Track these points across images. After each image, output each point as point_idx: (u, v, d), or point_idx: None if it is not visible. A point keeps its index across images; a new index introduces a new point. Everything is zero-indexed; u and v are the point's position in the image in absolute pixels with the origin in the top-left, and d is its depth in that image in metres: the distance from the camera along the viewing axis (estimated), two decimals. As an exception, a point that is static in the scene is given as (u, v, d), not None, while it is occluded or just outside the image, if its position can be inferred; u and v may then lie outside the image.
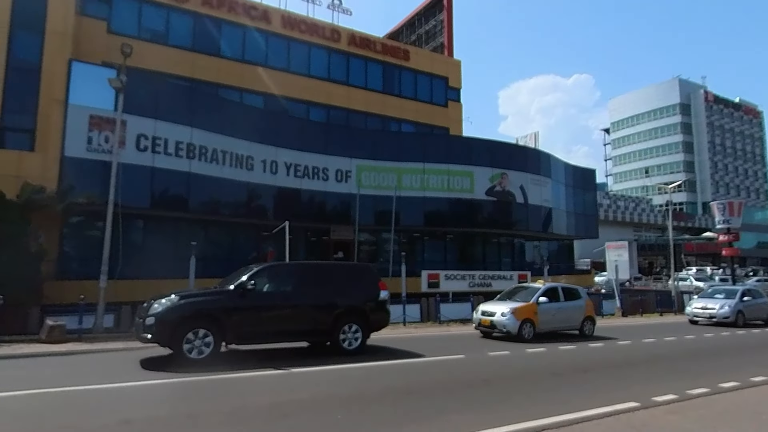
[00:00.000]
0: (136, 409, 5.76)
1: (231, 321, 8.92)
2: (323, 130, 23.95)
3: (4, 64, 17.23)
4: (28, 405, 5.97)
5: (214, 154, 19.31)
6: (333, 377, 8.00)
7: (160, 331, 8.42)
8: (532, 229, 28.06)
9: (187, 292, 9.32)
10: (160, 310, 8.51)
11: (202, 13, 23.23)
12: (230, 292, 9.16)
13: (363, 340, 10.32)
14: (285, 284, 9.92)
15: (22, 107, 17.36)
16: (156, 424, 5.25)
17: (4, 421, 5.28)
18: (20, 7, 17.59)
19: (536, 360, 10.19)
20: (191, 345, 8.50)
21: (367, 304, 10.54)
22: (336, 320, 10.00)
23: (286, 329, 9.67)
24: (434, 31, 34.70)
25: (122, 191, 16.53)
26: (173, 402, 6.22)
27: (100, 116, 16.53)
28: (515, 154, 27.98)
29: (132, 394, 6.64)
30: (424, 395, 6.72)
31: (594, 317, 14.99)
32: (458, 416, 5.55)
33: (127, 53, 12.89)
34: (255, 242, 22.85)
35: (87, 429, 5.03)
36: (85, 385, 6.91)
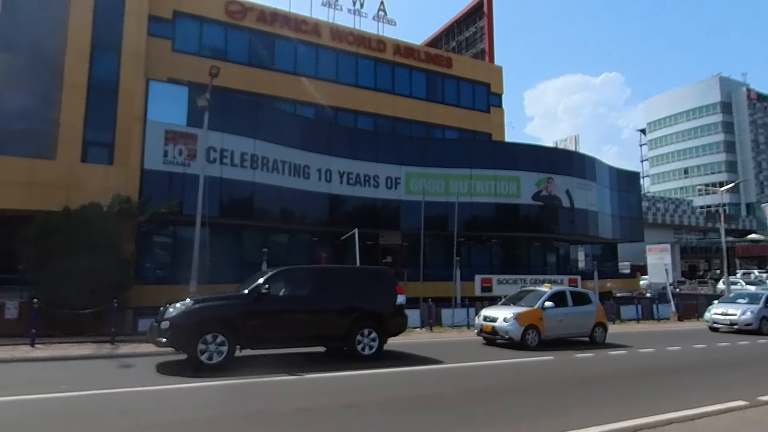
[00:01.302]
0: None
1: (246, 325, 8.80)
2: (373, 138, 24.71)
3: (86, 83, 18.59)
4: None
5: (275, 164, 20.25)
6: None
7: (174, 335, 8.33)
8: (578, 233, 28.09)
9: (202, 296, 9.32)
10: (175, 314, 8.46)
11: (257, 29, 24.32)
12: (245, 296, 9.08)
13: (380, 345, 10.08)
14: (301, 288, 9.82)
15: (101, 123, 18.68)
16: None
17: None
18: (99, 30, 18.96)
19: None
20: (206, 349, 8.40)
21: (384, 308, 10.34)
22: (352, 325, 9.81)
23: (302, 334, 9.55)
24: (474, 38, 35.10)
25: (193, 201, 17.65)
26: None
27: (174, 131, 17.65)
28: (560, 159, 28.11)
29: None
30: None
31: (606, 323, 14.24)
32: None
33: (215, 74, 13.83)
34: (310, 247, 23.72)
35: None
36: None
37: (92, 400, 6.51)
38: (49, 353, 9.81)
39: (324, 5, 26.56)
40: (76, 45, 18.53)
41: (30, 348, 10.17)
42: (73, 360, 9.29)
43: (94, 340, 10.85)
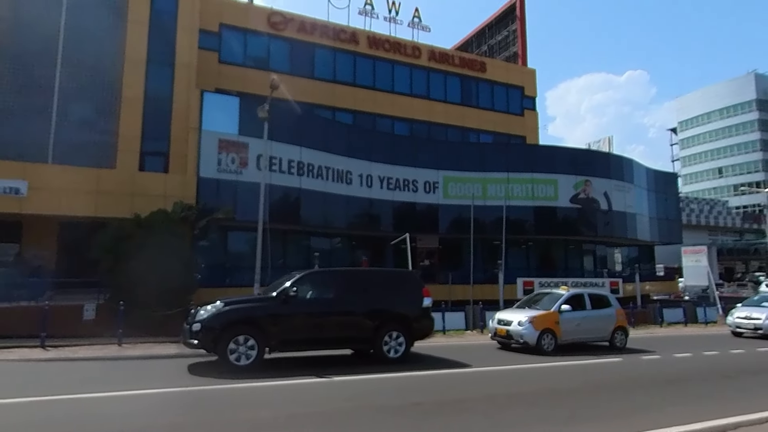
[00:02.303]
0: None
1: (274, 328, 8.90)
2: (412, 143, 25.13)
3: (142, 96, 19.53)
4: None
5: (320, 171, 20.87)
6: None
7: (205, 337, 8.46)
8: (616, 236, 27.93)
9: (232, 299, 9.43)
10: (206, 316, 8.60)
11: (297, 39, 25.04)
12: (273, 298, 9.18)
13: (406, 348, 10.06)
14: (327, 291, 9.87)
15: (157, 133, 19.56)
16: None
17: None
18: (154, 44, 19.86)
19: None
20: (236, 351, 8.55)
21: (410, 311, 10.33)
22: (378, 328, 9.82)
23: (329, 336, 9.58)
24: (506, 42, 35.21)
25: (246, 207, 18.42)
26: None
27: (226, 140, 18.41)
28: (598, 161, 28.04)
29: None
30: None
31: (627, 327, 13.74)
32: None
33: (275, 86, 14.46)
34: (350, 251, 24.27)
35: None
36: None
37: (213, 394, 7.05)
38: (139, 353, 10.50)
39: (361, 14, 27.16)
40: (132, 59, 19.47)
41: (118, 347, 10.89)
42: (161, 359, 9.89)
43: (173, 341, 11.49)
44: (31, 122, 18.47)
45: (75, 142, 18.62)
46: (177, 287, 13.64)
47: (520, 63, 33.08)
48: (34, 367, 9.28)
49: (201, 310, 8.79)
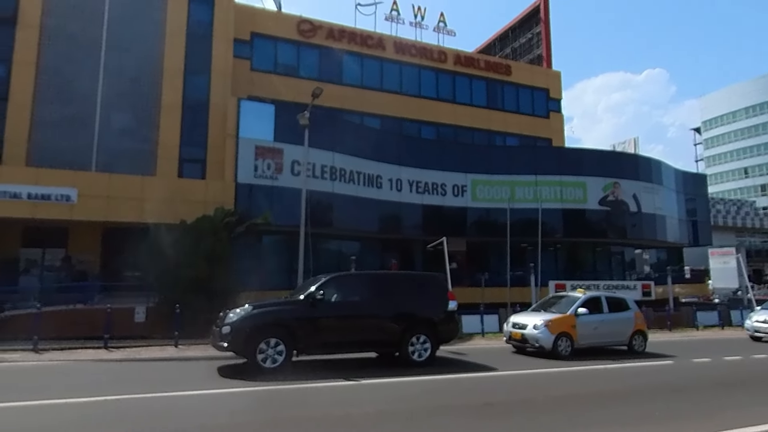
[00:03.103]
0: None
1: (302, 331, 8.97)
2: (440, 147, 25.33)
3: (180, 104, 20.13)
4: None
5: (351, 175, 21.19)
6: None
7: (234, 340, 8.54)
8: (645, 238, 27.72)
9: (260, 302, 9.53)
10: (235, 319, 8.67)
11: (326, 45, 25.47)
12: (301, 302, 9.24)
13: (432, 351, 10.03)
14: (353, 294, 9.89)
15: (194, 141, 20.15)
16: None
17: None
18: (191, 54, 20.47)
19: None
20: (264, 354, 8.61)
21: (436, 314, 10.28)
22: (404, 331, 9.82)
23: (355, 339, 9.63)
24: (530, 44, 35.22)
25: (281, 212, 18.82)
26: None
27: (263, 146, 18.86)
28: (627, 163, 27.89)
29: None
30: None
31: (646, 331, 13.44)
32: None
33: (317, 95, 14.80)
34: (380, 254, 24.51)
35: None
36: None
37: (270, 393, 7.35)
38: (196, 354, 10.90)
39: (387, 20, 27.52)
40: (171, 69, 20.10)
41: (175, 349, 11.30)
42: (217, 360, 10.24)
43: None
44: (76, 132, 19.19)
45: (117, 150, 19.29)
46: (221, 291, 14.03)
47: (544, 65, 33.07)
48: (111, 366, 9.73)
49: (230, 314, 8.91)
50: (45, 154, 18.59)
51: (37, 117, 19.03)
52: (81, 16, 19.66)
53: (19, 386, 7.78)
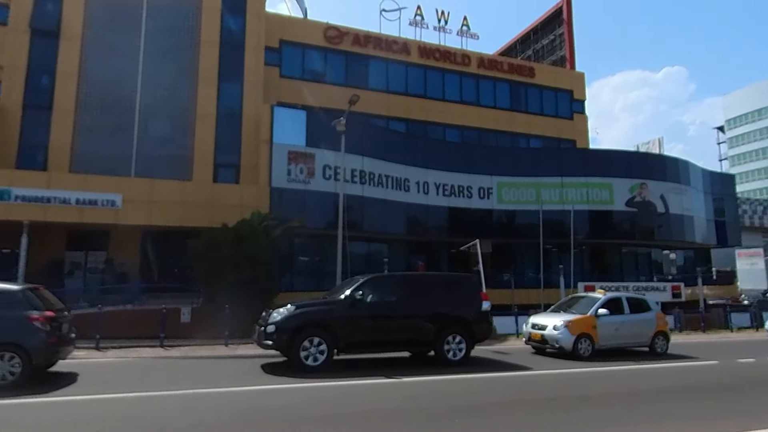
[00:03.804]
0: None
1: (342, 330, 9.23)
2: (466, 150, 25.57)
3: (215, 111, 20.75)
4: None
5: (380, 179, 21.56)
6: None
7: (279, 339, 8.85)
8: (673, 239, 27.53)
9: (302, 302, 9.80)
10: (279, 318, 8.97)
11: (352, 51, 25.90)
12: (340, 302, 9.52)
13: (467, 351, 10.22)
14: (390, 295, 10.13)
15: (228, 146, 20.74)
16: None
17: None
18: (224, 62, 21.10)
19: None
20: (307, 352, 8.92)
21: (470, 314, 10.46)
22: (440, 330, 10.02)
23: (393, 338, 9.90)
24: (552, 46, 35.22)
25: (313, 215, 19.27)
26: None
27: (295, 151, 19.34)
28: (654, 164, 27.76)
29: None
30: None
31: (668, 332, 13.33)
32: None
33: (354, 101, 15.19)
34: (407, 256, 24.82)
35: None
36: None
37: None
38: (246, 352, 11.36)
39: (411, 24, 27.84)
40: (205, 78, 20.75)
41: (225, 348, 11.78)
42: (263, 358, 10.65)
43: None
44: (116, 139, 19.94)
45: (155, 156, 19.99)
46: (261, 292, 14.49)
47: (568, 66, 33.04)
48: (173, 363, 10.29)
49: (274, 313, 9.21)
50: (87, 160, 19.36)
51: (79, 125, 19.83)
52: (120, 28, 20.43)
53: (110, 380, 8.36)
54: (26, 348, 6.93)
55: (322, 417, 6.15)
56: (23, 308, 7.12)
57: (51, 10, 19.98)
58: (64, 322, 7.79)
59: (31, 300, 7.31)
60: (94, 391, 7.17)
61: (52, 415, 6.04)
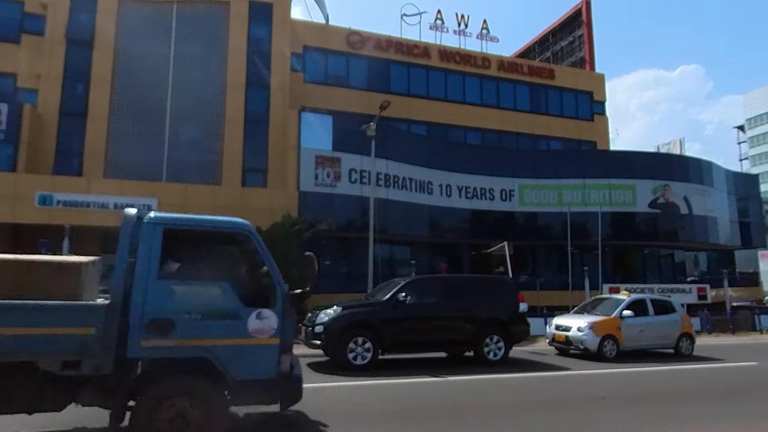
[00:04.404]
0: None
1: (386, 330, 9.57)
2: (488, 153, 25.74)
3: (243, 116, 21.21)
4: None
5: (404, 182, 21.84)
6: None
7: (328, 339, 9.20)
8: (697, 241, 27.33)
9: (347, 304, 10.07)
10: (327, 319, 9.33)
11: (374, 56, 26.21)
12: (384, 303, 9.86)
13: (506, 351, 10.51)
14: (430, 297, 10.48)
15: (256, 151, 21.17)
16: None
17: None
18: (251, 69, 21.55)
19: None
20: (354, 352, 9.26)
21: (508, 316, 10.74)
22: (479, 331, 10.31)
23: (434, 339, 10.24)
24: (571, 47, 35.20)
25: (340, 218, 19.60)
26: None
27: (322, 156, 19.71)
28: (677, 165, 27.61)
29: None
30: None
31: (693, 334, 13.42)
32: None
33: (385, 107, 15.51)
34: (429, 257, 25.04)
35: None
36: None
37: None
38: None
39: (432, 29, 28.11)
40: (233, 84, 21.22)
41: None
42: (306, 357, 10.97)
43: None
44: (147, 144, 20.49)
45: (185, 161, 20.50)
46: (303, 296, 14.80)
47: (587, 68, 33.02)
48: None
49: (321, 314, 9.53)
50: (120, 165, 19.93)
51: (113, 131, 20.41)
52: (150, 37, 20.97)
53: None
54: None
55: (386, 412, 6.46)
56: None
57: (85, 21, 20.62)
58: None
59: None
60: None
61: None
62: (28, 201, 15.61)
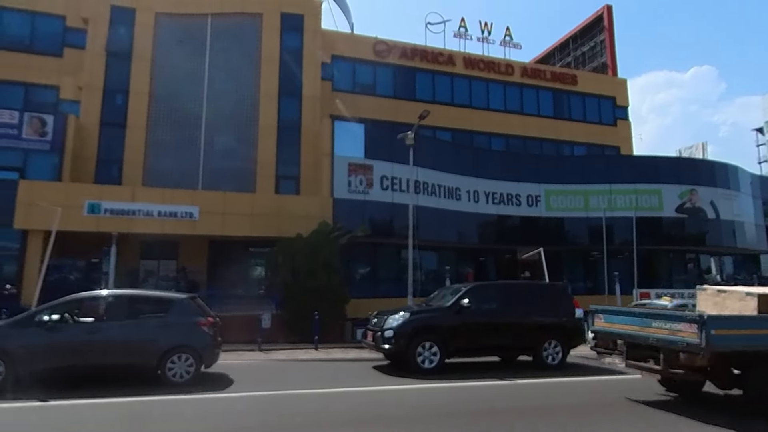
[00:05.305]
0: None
1: (451, 335, 10.00)
2: (515, 159, 25.95)
3: (276, 125, 21.72)
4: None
5: (433, 188, 22.15)
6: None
7: (398, 342, 9.62)
8: (724, 245, 27.25)
9: (413, 309, 10.50)
10: (396, 324, 9.76)
11: (400, 64, 26.64)
12: (448, 308, 10.26)
13: (564, 355, 10.87)
14: (491, 302, 10.79)
15: (289, 159, 21.66)
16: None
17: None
18: (284, 79, 22.10)
19: None
20: (423, 356, 9.71)
21: (565, 321, 11.10)
22: (538, 336, 10.69)
23: (496, 344, 10.66)
24: (593, 53, 35.33)
25: (372, 224, 19.94)
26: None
27: (355, 163, 20.09)
28: (703, 169, 27.56)
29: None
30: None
31: None
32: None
33: (424, 116, 15.83)
34: (455, 263, 25.28)
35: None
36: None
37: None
38: (341, 356, 12.08)
39: (456, 36, 28.44)
40: (266, 93, 21.77)
41: (317, 351, 12.50)
42: (360, 361, 11.36)
43: (341, 346, 13.00)
44: (184, 153, 21.07)
45: (220, 169, 21.04)
46: (336, 298, 15.21)
47: (609, 73, 33.12)
48: (295, 365, 11.05)
49: (389, 319, 9.91)
50: (157, 174, 20.53)
51: (150, 141, 21.04)
52: (186, 49, 21.63)
53: (259, 379, 9.05)
54: (198, 350, 7.73)
55: (468, 413, 6.82)
56: (192, 315, 7.94)
57: (124, 34, 21.31)
58: (217, 326, 8.56)
59: (197, 307, 8.17)
60: (257, 388, 7.85)
61: (251, 407, 6.77)
62: (77, 209, 16.14)
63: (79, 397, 6.76)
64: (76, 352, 7.22)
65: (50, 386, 7.18)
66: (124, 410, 6.44)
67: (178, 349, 7.67)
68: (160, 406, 6.50)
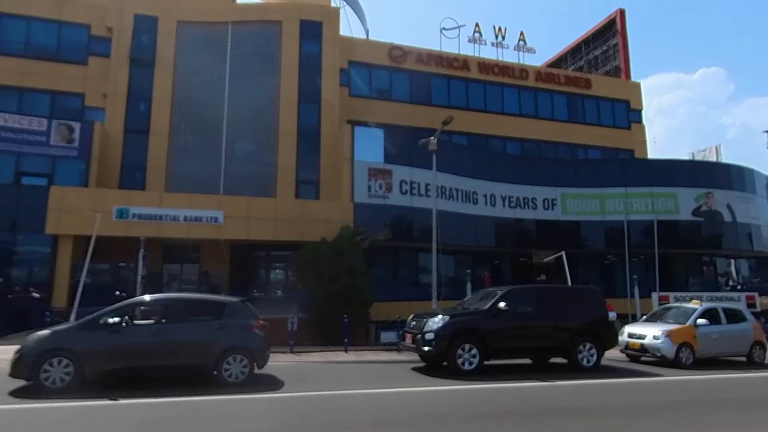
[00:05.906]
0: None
1: (489, 337, 10.13)
2: (531, 163, 26.13)
3: (296, 130, 22.03)
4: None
5: (451, 192, 22.34)
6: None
7: (438, 345, 9.74)
8: (741, 248, 27.22)
9: (452, 312, 10.62)
10: (437, 327, 9.88)
11: (415, 69, 26.91)
12: (485, 312, 10.38)
13: (598, 358, 11.01)
14: (525, 306, 10.86)
15: (308, 164, 21.95)
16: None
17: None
18: (303, 85, 22.41)
19: None
20: (463, 358, 9.85)
21: (599, 324, 11.24)
22: (573, 339, 10.83)
23: (532, 346, 10.84)
24: (605, 56, 35.43)
25: (391, 228, 20.14)
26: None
27: (375, 168, 20.35)
28: (719, 173, 27.59)
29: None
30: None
31: (765, 342, 13.59)
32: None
33: (448, 122, 16.04)
34: (472, 266, 25.41)
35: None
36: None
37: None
38: (372, 358, 12.27)
39: (470, 41, 28.68)
40: (286, 99, 22.10)
41: (346, 353, 12.71)
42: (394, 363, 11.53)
43: (370, 348, 13.22)
44: (205, 158, 21.42)
45: (240, 174, 21.38)
46: (360, 301, 15.42)
47: (623, 76, 33.21)
48: (333, 367, 11.14)
49: (429, 322, 10.08)
50: (180, 179, 20.89)
51: (173, 147, 21.42)
52: (207, 56, 22.03)
53: (307, 380, 9.22)
54: (252, 351, 7.98)
55: (519, 413, 7.02)
56: (245, 317, 8.20)
57: (146, 42, 21.75)
58: (266, 329, 8.80)
59: (248, 310, 8.43)
60: (308, 389, 8.02)
61: (311, 406, 7.01)
62: (106, 214, 16.46)
63: (143, 396, 7.00)
64: (139, 353, 7.47)
65: (114, 386, 7.43)
66: (190, 408, 6.67)
67: (234, 350, 7.88)
68: (225, 405, 6.69)
